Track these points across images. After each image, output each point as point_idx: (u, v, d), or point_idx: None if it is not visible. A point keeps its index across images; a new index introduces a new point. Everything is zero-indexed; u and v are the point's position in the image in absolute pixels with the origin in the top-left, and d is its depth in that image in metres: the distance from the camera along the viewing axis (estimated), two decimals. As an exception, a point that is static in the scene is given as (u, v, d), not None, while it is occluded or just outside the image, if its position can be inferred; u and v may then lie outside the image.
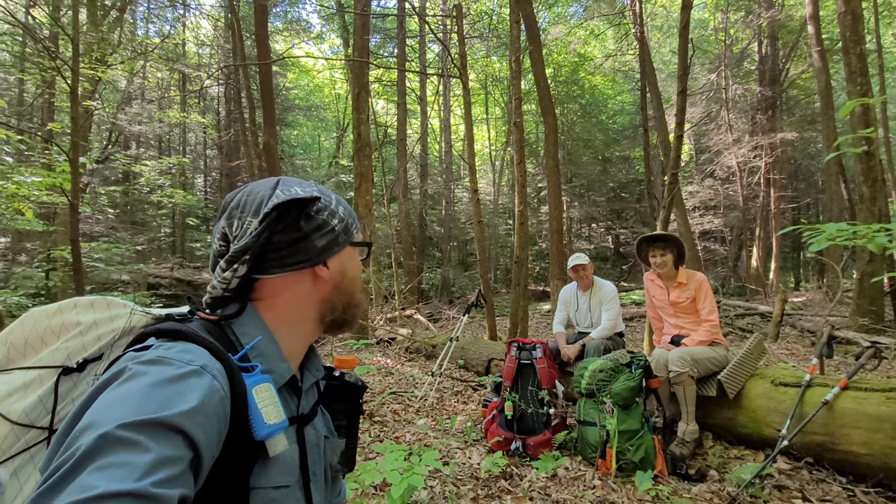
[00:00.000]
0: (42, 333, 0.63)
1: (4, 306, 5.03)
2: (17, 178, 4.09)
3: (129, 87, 14.01)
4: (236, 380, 0.56)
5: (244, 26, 11.75)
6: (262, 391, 0.58)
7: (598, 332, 3.53)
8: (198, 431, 0.47)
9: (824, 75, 8.50)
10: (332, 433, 0.78)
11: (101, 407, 0.45)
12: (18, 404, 0.58)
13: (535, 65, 6.84)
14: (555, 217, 7.16)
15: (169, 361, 0.51)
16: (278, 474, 0.61)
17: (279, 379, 0.64)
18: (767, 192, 13.06)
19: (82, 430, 0.43)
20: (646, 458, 2.50)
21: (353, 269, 0.75)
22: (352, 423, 0.83)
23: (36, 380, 0.60)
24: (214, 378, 0.53)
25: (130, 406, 0.45)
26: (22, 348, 0.63)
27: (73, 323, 0.64)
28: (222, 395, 0.53)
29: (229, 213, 0.67)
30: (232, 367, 0.56)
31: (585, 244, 20.43)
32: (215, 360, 0.55)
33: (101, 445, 0.41)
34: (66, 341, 0.63)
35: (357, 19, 7.67)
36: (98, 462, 0.40)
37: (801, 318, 7.43)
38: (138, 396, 0.46)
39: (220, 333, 0.63)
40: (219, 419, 0.52)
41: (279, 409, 0.59)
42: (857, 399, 2.42)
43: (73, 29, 3.84)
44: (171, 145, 17.38)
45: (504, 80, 16.54)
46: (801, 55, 13.04)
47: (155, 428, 0.44)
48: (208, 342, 0.57)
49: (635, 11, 10.63)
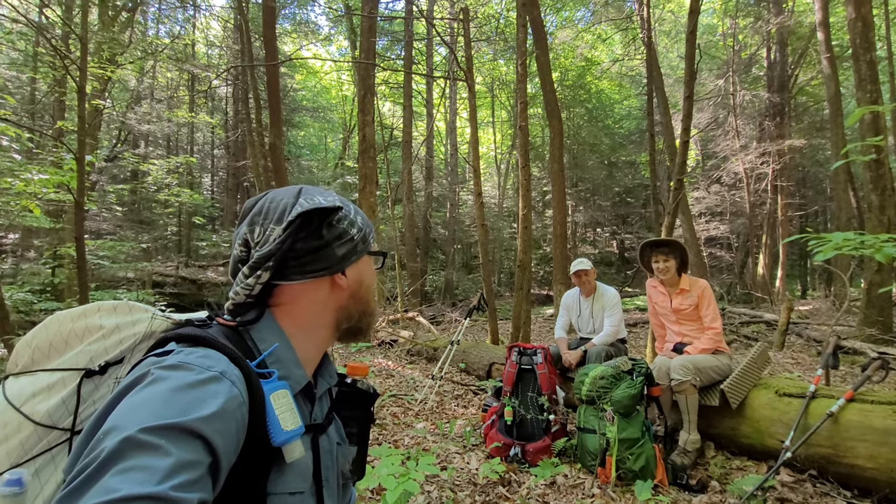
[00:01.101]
0: (66, 336, 0.65)
1: (11, 302, 5.08)
2: (25, 175, 4.15)
3: (139, 87, 14.14)
4: (254, 386, 0.56)
5: (253, 28, 11.83)
6: (279, 397, 0.59)
7: (601, 338, 3.50)
8: (217, 437, 0.48)
9: (833, 82, 8.42)
10: (344, 440, 0.78)
11: (125, 411, 0.46)
12: (42, 405, 0.60)
13: (541, 69, 6.84)
14: (559, 221, 7.13)
15: (189, 367, 0.52)
16: (294, 480, 0.61)
17: (295, 385, 0.65)
18: (775, 199, 12.95)
19: (106, 433, 0.44)
20: (646, 467, 2.47)
21: (368, 278, 0.76)
22: (363, 430, 0.84)
23: (59, 382, 0.62)
24: (233, 384, 0.53)
25: (152, 410, 0.46)
26: (46, 351, 0.64)
27: (95, 326, 0.66)
28: (241, 400, 0.53)
29: (251, 219, 0.68)
30: (250, 374, 0.57)
31: (590, 249, 20.36)
32: (234, 367, 0.56)
33: (124, 448, 0.42)
34: (89, 344, 0.65)
35: (364, 22, 7.69)
36: (121, 465, 0.41)
37: (807, 327, 7.34)
38: (160, 401, 0.47)
39: (239, 339, 0.64)
40: (237, 425, 0.52)
41: (296, 416, 0.59)
42: (863, 411, 2.38)
43: (81, 28, 3.88)
44: (178, 144, 17.51)
45: (510, 83, 16.55)
46: (810, 61, 12.94)
47: (175, 432, 0.44)
48: (228, 348, 0.58)
49: (643, 16, 10.61)
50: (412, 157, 13.48)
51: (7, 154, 4.49)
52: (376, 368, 5.19)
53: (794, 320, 7.31)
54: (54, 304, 5.73)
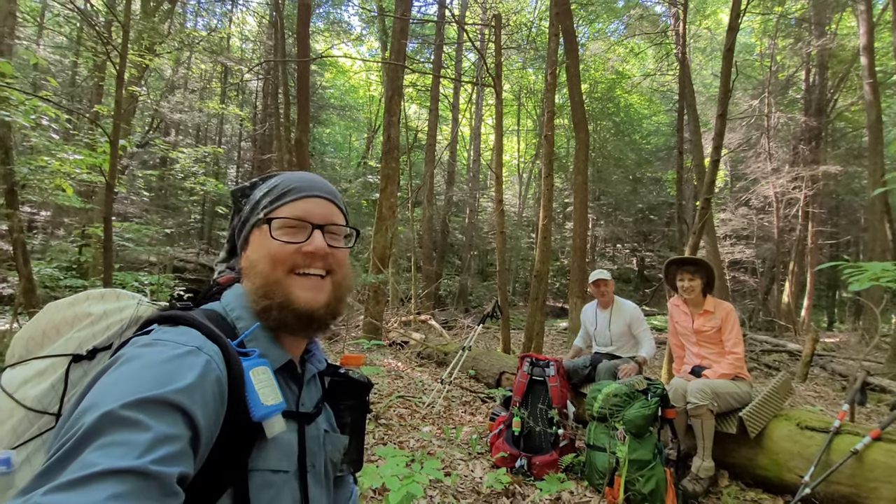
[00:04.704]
0: (57, 324, 0.68)
1: (38, 277, 5.25)
2: (61, 155, 4.29)
3: (174, 77, 14.54)
4: (233, 362, 0.56)
5: (287, 24, 12.07)
6: (259, 373, 0.58)
7: (647, 352, 3.45)
8: (196, 409, 0.48)
9: (875, 108, 8.15)
10: (334, 428, 0.78)
11: (102, 388, 0.47)
12: (32, 391, 0.62)
13: (571, 79, 6.77)
14: (579, 234, 7.03)
15: (165, 343, 0.53)
16: (277, 458, 0.61)
17: (275, 363, 0.65)
18: (805, 226, 12.54)
19: (84, 410, 0.44)
20: (656, 491, 2.39)
21: (255, 253, 0.69)
22: (357, 420, 0.83)
23: (49, 368, 0.64)
24: (211, 358, 0.54)
25: (129, 386, 0.46)
26: (40, 339, 0.67)
27: (84, 314, 0.68)
28: (218, 373, 0.54)
29: None
30: (228, 350, 0.57)
31: (609, 264, 20.06)
32: (211, 343, 0.56)
33: (103, 424, 0.42)
34: (78, 331, 0.67)
35: (396, 23, 7.76)
36: (100, 440, 0.41)
37: (832, 360, 7.05)
38: (136, 376, 0.47)
39: (221, 320, 0.64)
40: (215, 398, 0.52)
41: (276, 392, 0.59)
42: (889, 452, 2.26)
43: (124, 16, 4.01)
44: (207, 135, 17.91)
45: (538, 92, 16.46)
46: (850, 86, 12.53)
47: (154, 405, 0.44)
48: (205, 326, 0.58)
49: (678, 32, 10.46)
50: (435, 161, 13.51)
51: (46, 133, 4.65)
52: (385, 369, 5.18)
53: (818, 352, 7.04)
54: (79, 281, 5.90)
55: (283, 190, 0.70)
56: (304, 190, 0.70)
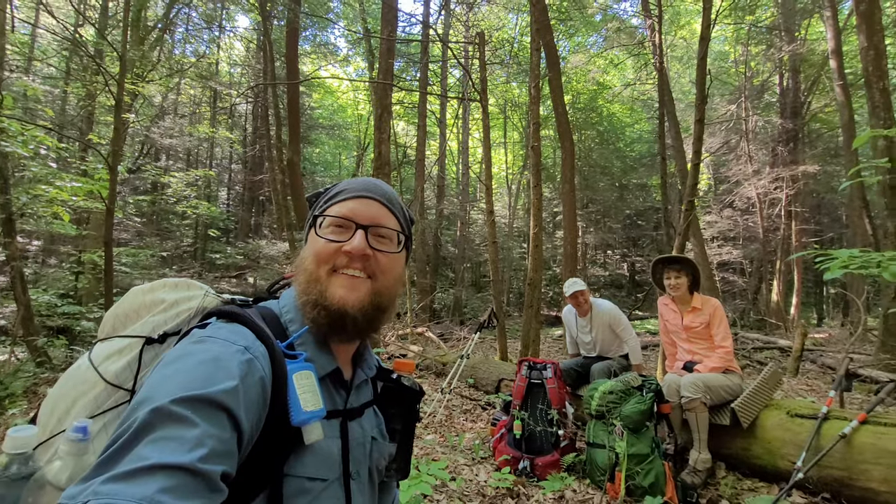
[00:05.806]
0: (137, 308, 0.73)
1: (36, 304, 5.25)
2: (59, 182, 4.35)
3: (164, 102, 14.65)
4: (278, 364, 0.58)
5: (275, 48, 12.27)
6: (302, 378, 0.59)
7: (634, 355, 3.59)
8: (240, 410, 0.50)
9: (847, 109, 8.46)
10: (384, 436, 0.77)
11: (155, 382, 0.50)
12: (113, 366, 0.67)
13: (554, 91, 6.99)
14: (569, 242, 7.17)
15: (215, 340, 0.56)
16: (314, 466, 0.61)
17: (320, 369, 0.66)
18: (788, 225, 12.85)
19: (139, 403, 0.47)
20: (655, 484, 2.46)
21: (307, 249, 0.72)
22: (407, 427, 0.82)
23: (127, 347, 0.69)
24: (256, 359, 0.56)
25: (179, 382, 0.48)
26: (124, 319, 0.72)
27: (159, 300, 0.73)
28: (262, 374, 0.55)
29: None
30: (275, 351, 0.59)
31: (600, 271, 20.26)
32: (259, 343, 0.58)
33: (154, 419, 0.45)
34: (153, 315, 0.72)
35: (383, 44, 7.97)
36: (152, 435, 0.43)
37: (822, 355, 7.21)
38: (186, 373, 0.50)
39: (275, 320, 0.68)
40: (258, 399, 0.54)
41: (318, 398, 0.60)
42: (876, 434, 2.36)
43: (121, 45, 4.12)
44: (198, 158, 17.98)
45: (523, 105, 16.82)
46: (823, 89, 12.98)
47: (201, 404, 0.47)
48: (257, 326, 0.60)
49: (655, 42, 10.79)
50: (424, 175, 13.68)
51: (44, 163, 4.70)
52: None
53: (808, 347, 7.18)
54: (76, 307, 5.90)
55: (337, 190, 0.73)
56: (355, 191, 0.72)
